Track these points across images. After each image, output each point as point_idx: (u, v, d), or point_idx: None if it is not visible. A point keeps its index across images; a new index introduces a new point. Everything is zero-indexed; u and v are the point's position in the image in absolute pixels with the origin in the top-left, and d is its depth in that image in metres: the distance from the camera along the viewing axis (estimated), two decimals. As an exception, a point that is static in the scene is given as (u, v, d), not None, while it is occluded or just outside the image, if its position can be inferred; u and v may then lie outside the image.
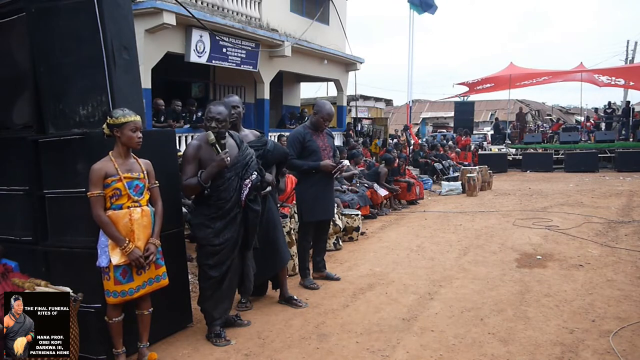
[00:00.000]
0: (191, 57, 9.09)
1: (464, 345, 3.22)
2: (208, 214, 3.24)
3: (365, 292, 4.34)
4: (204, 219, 3.25)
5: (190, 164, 3.19)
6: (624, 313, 3.73)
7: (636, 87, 19.60)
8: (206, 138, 3.18)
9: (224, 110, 3.23)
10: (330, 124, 4.65)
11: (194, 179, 3.16)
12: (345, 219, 6.45)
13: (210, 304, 3.34)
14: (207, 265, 3.29)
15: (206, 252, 3.28)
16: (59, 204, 3.06)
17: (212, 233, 3.22)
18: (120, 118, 2.74)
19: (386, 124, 16.98)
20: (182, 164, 3.25)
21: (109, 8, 2.98)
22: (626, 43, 30.60)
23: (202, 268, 3.34)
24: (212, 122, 3.19)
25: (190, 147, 3.25)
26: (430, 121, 35.70)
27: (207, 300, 3.34)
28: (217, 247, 3.25)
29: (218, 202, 3.22)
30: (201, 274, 3.38)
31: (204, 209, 3.27)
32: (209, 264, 3.27)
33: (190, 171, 3.18)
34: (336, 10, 13.59)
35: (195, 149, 3.21)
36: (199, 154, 3.20)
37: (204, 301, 3.36)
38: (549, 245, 5.96)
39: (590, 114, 25.62)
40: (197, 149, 3.21)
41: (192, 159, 3.19)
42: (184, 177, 3.20)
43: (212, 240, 3.23)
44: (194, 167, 3.19)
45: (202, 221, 3.26)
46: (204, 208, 3.28)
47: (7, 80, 3.36)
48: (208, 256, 3.28)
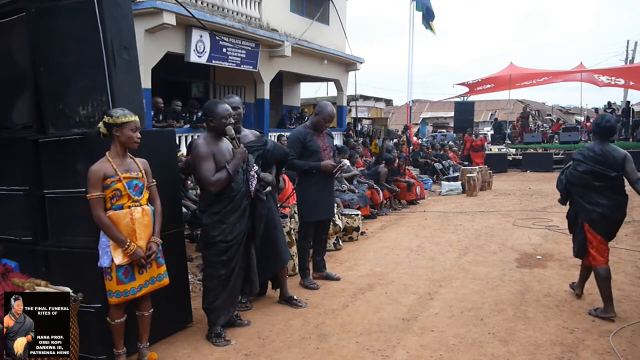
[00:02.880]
0: (191, 57, 9.08)
1: (464, 345, 3.22)
2: (221, 211, 3.28)
3: (365, 292, 4.34)
4: (219, 216, 3.28)
5: (208, 160, 3.23)
6: (624, 313, 3.73)
7: (636, 87, 19.57)
8: (227, 133, 3.29)
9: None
10: (330, 124, 4.65)
11: (224, 172, 3.23)
12: (345, 219, 6.45)
13: (220, 302, 3.36)
14: (220, 263, 3.31)
15: (220, 249, 3.30)
16: (59, 204, 3.06)
17: (227, 228, 3.28)
18: (121, 118, 2.73)
19: (386, 124, 16.99)
20: (197, 162, 3.23)
21: (109, 8, 2.98)
22: (626, 43, 30.60)
23: (213, 266, 3.34)
24: (228, 119, 3.30)
25: (200, 145, 3.27)
26: (430, 121, 35.71)
27: (216, 299, 3.35)
28: (231, 243, 3.31)
29: (231, 195, 3.28)
30: (209, 273, 3.37)
31: (217, 205, 3.29)
32: (223, 260, 3.31)
33: (211, 167, 3.22)
34: (336, 10, 13.59)
35: (206, 145, 3.27)
36: (210, 149, 3.26)
37: (213, 301, 3.35)
38: (549, 245, 5.97)
39: (591, 114, 25.61)
40: (207, 145, 3.27)
41: (208, 156, 3.24)
42: (208, 173, 3.20)
43: (227, 236, 3.28)
44: (212, 163, 3.24)
45: (217, 219, 3.28)
46: (217, 205, 3.29)
47: (7, 80, 3.35)
48: (220, 253, 3.30)
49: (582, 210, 3.81)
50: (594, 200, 3.71)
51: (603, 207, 3.67)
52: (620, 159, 3.65)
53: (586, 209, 3.75)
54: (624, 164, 3.64)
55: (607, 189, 3.68)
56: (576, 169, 3.85)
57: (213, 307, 3.36)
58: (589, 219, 3.74)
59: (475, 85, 20.51)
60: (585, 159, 3.79)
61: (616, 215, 3.71)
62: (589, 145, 3.97)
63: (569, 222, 4.08)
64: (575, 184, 3.86)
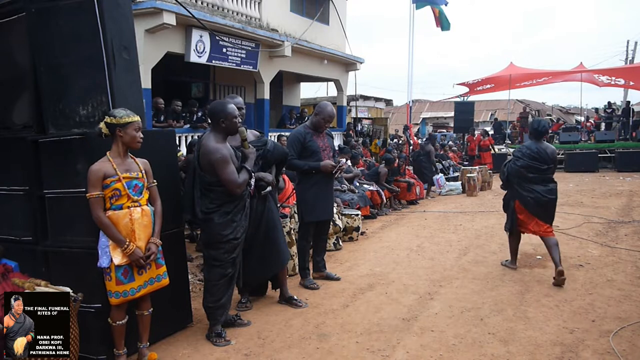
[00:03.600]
0: (191, 57, 9.08)
1: (464, 345, 3.22)
2: (233, 210, 3.31)
3: (365, 292, 4.34)
4: (231, 215, 3.30)
5: (230, 162, 3.25)
6: (624, 313, 3.73)
7: (636, 87, 19.58)
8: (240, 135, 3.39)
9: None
10: (330, 124, 4.66)
11: (246, 173, 3.30)
12: (345, 219, 6.45)
13: (226, 300, 3.40)
14: (230, 261, 3.35)
15: (230, 247, 3.32)
16: (59, 204, 3.06)
17: (238, 226, 3.34)
18: (125, 118, 2.74)
19: (386, 124, 16.96)
20: (221, 166, 3.20)
21: (109, 8, 2.98)
22: (626, 43, 30.57)
23: (222, 265, 3.34)
24: (236, 119, 3.33)
25: (220, 149, 3.23)
26: (430, 121, 35.67)
27: (223, 297, 3.37)
28: (239, 240, 3.38)
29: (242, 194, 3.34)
30: (217, 272, 3.36)
31: (229, 206, 3.31)
32: (233, 258, 3.36)
33: (234, 169, 3.27)
34: (336, 10, 13.59)
35: (226, 148, 3.29)
36: (229, 152, 3.29)
37: (219, 299, 3.36)
38: (549, 245, 5.95)
39: (591, 114, 25.62)
40: (224, 147, 3.29)
41: (230, 159, 3.26)
42: (234, 175, 3.22)
43: (237, 233, 3.34)
44: (232, 165, 3.27)
45: (229, 218, 3.30)
46: (228, 204, 3.31)
47: (7, 80, 3.35)
48: (231, 251, 3.34)
49: (518, 196, 4.75)
50: (528, 188, 4.65)
51: (537, 193, 4.61)
52: (551, 155, 4.66)
53: (522, 195, 4.69)
54: (554, 159, 4.68)
55: (539, 179, 4.64)
56: (515, 164, 4.77)
57: (220, 304, 3.37)
58: (524, 202, 4.69)
59: (475, 85, 20.50)
60: (523, 155, 4.71)
61: (548, 199, 4.63)
62: (526, 144, 4.90)
63: (504, 204, 5.11)
64: (514, 175, 4.76)
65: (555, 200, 4.70)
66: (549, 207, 4.68)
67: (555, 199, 4.71)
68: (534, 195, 4.61)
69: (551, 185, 4.65)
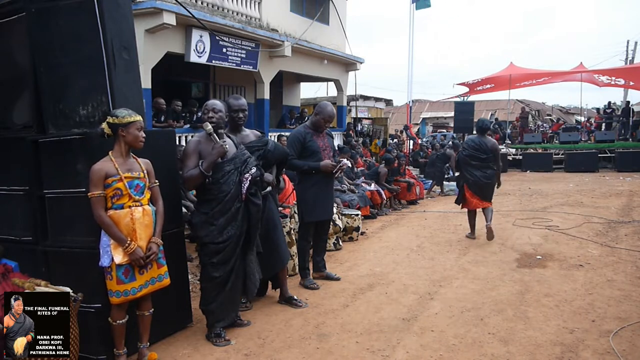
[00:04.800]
0: (191, 57, 9.07)
1: (464, 345, 3.22)
2: (210, 211, 3.26)
3: (365, 292, 4.34)
4: (207, 216, 3.27)
5: (191, 157, 3.26)
6: (624, 313, 3.73)
7: (636, 87, 19.59)
8: (204, 129, 3.30)
9: (219, 103, 3.44)
10: (330, 124, 4.66)
11: (196, 169, 3.22)
12: (345, 219, 6.45)
13: (216, 306, 3.33)
14: (210, 264, 3.29)
15: (209, 250, 3.28)
16: (59, 204, 3.05)
17: (215, 230, 3.25)
18: (127, 117, 2.75)
19: (386, 124, 16.97)
20: (182, 159, 3.32)
21: (109, 8, 2.98)
22: (626, 43, 30.57)
23: (205, 268, 3.34)
24: (209, 113, 3.34)
25: (190, 142, 3.35)
26: (430, 121, 35.65)
27: (212, 302, 3.34)
28: (221, 245, 3.27)
29: (219, 196, 3.26)
30: (204, 274, 3.37)
31: (206, 206, 3.29)
32: (213, 262, 3.28)
33: (191, 164, 3.25)
34: (336, 10, 13.58)
35: (195, 143, 3.31)
36: (198, 148, 3.29)
37: (208, 303, 3.35)
38: (549, 245, 5.97)
39: (591, 114, 25.62)
40: (197, 143, 3.31)
41: (192, 153, 3.27)
42: (185, 169, 3.25)
43: (215, 237, 3.25)
44: (195, 160, 3.25)
45: (205, 219, 3.27)
46: (205, 205, 3.30)
47: (7, 80, 3.35)
48: (211, 255, 3.28)
49: (464, 178, 6.22)
50: (470, 173, 6.12)
51: (476, 177, 6.08)
52: (491, 147, 6.08)
53: (467, 177, 6.16)
54: (493, 150, 6.07)
55: (480, 166, 6.09)
56: (462, 153, 6.31)
57: (209, 309, 3.35)
58: (467, 183, 6.15)
59: (475, 85, 20.51)
60: (468, 147, 6.21)
61: (484, 182, 6.08)
62: (471, 137, 6.56)
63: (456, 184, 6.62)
64: (462, 162, 6.27)
65: (491, 184, 6.13)
66: (486, 189, 6.10)
67: (492, 183, 6.13)
68: (474, 178, 6.05)
69: (489, 172, 6.07)
